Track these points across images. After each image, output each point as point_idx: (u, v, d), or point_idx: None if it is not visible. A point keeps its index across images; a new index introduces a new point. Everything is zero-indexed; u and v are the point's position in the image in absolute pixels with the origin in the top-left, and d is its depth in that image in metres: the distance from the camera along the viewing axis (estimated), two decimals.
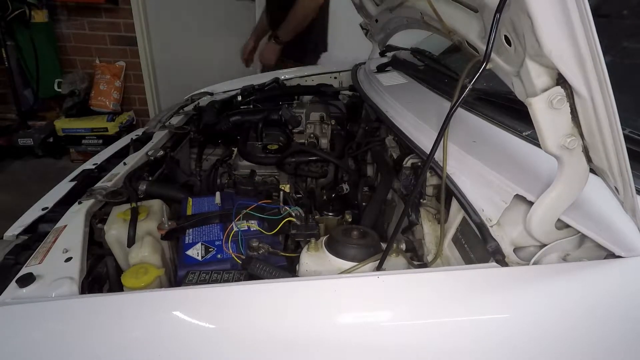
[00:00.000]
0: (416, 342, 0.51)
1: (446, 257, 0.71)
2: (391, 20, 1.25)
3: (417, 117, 0.92)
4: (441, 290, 0.55)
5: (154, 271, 0.69)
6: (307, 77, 1.77)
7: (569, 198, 0.54)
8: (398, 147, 1.03)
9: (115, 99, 3.37)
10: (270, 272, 0.64)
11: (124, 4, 3.23)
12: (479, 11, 0.63)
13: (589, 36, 0.41)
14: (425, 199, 0.80)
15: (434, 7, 0.81)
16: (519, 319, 0.53)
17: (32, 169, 3.12)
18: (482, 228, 0.61)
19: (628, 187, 0.49)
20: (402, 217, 0.65)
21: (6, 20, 2.86)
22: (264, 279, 0.62)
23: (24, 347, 0.50)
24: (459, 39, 0.76)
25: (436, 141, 0.59)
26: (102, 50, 3.41)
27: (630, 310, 0.54)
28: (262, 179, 1.19)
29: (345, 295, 0.55)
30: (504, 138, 0.78)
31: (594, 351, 0.53)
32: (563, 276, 0.55)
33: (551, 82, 0.47)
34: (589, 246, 0.59)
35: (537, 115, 0.48)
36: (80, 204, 0.85)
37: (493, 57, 0.54)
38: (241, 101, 1.48)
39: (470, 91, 0.54)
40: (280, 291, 0.56)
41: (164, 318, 0.53)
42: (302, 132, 1.34)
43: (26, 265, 0.66)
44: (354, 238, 0.67)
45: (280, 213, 0.80)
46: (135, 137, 1.29)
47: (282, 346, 0.51)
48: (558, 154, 0.50)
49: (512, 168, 0.66)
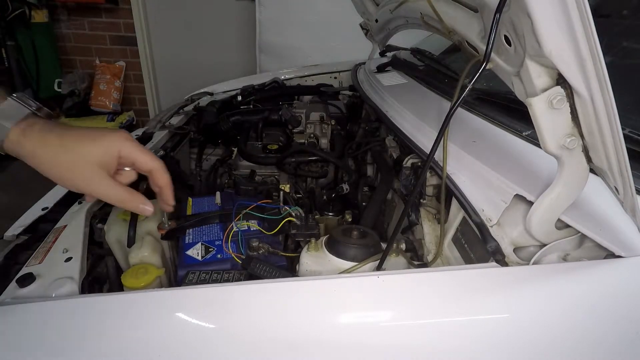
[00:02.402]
0: (416, 342, 0.51)
1: (446, 257, 0.71)
2: (391, 20, 1.25)
3: (417, 117, 0.92)
4: (441, 290, 0.55)
5: (154, 271, 0.69)
6: (307, 77, 1.77)
7: (569, 198, 0.54)
8: (398, 147, 1.03)
9: (115, 99, 3.37)
10: (270, 272, 0.64)
11: (124, 4, 3.23)
12: (479, 11, 0.63)
13: (589, 36, 0.41)
14: (425, 199, 0.80)
15: (434, 7, 0.81)
16: (519, 318, 0.53)
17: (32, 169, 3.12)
18: (482, 228, 0.61)
19: (628, 187, 0.49)
20: (402, 217, 0.65)
21: (6, 20, 2.85)
22: (264, 278, 0.62)
23: (23, 347, 0.50)
24: (459, 39, 0.76)
25: (436, 141, 0.59)
26: (102, 50, 3.41)
27: (630, 310, 0.54)
28: (262, 179, 1.19)
29: (345, 295, 0.55)
30: (504, 138, 0.78)
31: (594, 351, 0.53)
32: (563, 276, 0.55)
33: (551, 82, 0.47)
34: (589, 246, 0.59)
35: (537, 115, 0.48)
36: (80, 204, 0.85)
37: (493, 57, 0.54)
38: (241, 101, 1.48)
39: (470, 91, 0.54)
40: (280, 291, 0.56)
41: (164, 318, 0.53)
42: (302, 132, 1.34)
43: (26, 265, 0.66)
44: (354, 238, 0.67)
45: (280, 213, 0.80)
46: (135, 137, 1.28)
47: (282, 346, 0.51)
48: (558, 154, 0.50)
49: (512, 168, 0.66)
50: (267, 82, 1.63)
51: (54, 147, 0.46)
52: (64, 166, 0.47)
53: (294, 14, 2.84)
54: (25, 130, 0.46)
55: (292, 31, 2.87)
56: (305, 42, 2.85)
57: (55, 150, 0.46)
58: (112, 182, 0.51)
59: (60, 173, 0.48)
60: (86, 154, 0.48)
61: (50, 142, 0.46)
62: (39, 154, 0.46)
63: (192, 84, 1.97)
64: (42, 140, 0.46)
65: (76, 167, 0.47)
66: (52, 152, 0.46)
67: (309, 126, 1.33)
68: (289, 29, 2.87)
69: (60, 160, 0.47)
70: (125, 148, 0.51)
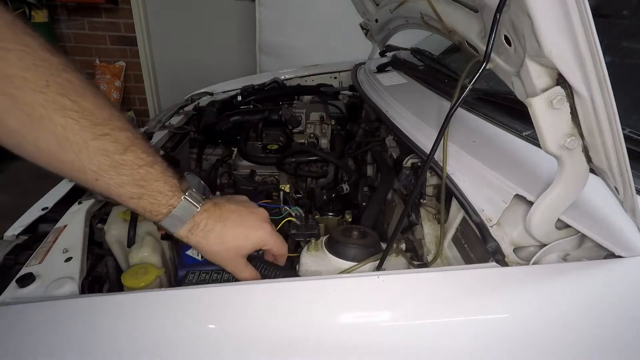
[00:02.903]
0: (416, 342, 0.51)
1: (446, 257, 0.71)
2: (391, 20, 1.25)
3: (417, 117, 0.92)
4: (441, 290, 0.55)
5: (154, 271, 0.69)
6: (307, 77, 1.77)
7: (569, 198, 0.54)
8: (398, 147, 1.03)
9: (115, 99, 3.37)
10: (271, 271, 0.64)
11: (124, 4, 3.23)
12: (478, 11, 0.63)
13: (589, 36, 0.41)
14: (425, 199, 0.80)
15: (434, 7, 0.81)
16: (519, 318, 0.53)
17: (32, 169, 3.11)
18: (482, 228, 0.61)
19: (628, 187, 0.49)
20: (402, 217, 0.65)
21: None
22: (264, 278, 0.62)
23: (24, 347, 0.50)
24: (459, 39, 0.76)
25: (436, 141, 0.59)
26: (102, 50, 3.41)
27: (630, 309, 0.54)
28: (262, 179, 1.19)
29: (345, 295, 0.55)
30: (504, 138, 0.78)
31: (594, 351, 0.53)
32: (563, 276, 0.55)
33: (551, 82, 0.47)
34: (589, 246, 0.59)
35: (537, 115, 0.48)
36: (80, 204, 0.85)
37: (493, 57, 0.54)
38: (241, 101, 1.48)
39: (470, 91, 0.54)
40: (280, 291, 0.56)
41: (164, 318, 0.53)
42: (302, 132, 1.33)
43: (26, 265, 0.66)
44: (354, 238, 0.68)
45: (281, 213, 0.80)
46: None
47: (282, 346, 0.51)
48: (558, 154, 0.50)
49: (512, 168, 0.66)
50: (267, 82, 1.62)
51: (215, 245, 0.58)
52: (221, 256, 0.59)
53: (294, 14, 2.84)
54: (192, 230, 0.56)
55: (292, 31, 2.87)
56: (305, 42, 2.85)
57: (216, 247, 0.58)
58: (249, 266, 0.62)
59: (217, 260, 0.60)
60: (240, 249, 0.60)
61: (211, 241, 0.58)
62: (202, 245, 0.58)
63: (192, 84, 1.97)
64: (205, 239, 0.57)
65: (230, 259, 0.60)
66: (213, 247, 0.58)
67: (309, 126, 1.33)
68: (289, 29, 2.87)
69: (219, 253, 0.59)
70: (269, 244, 0.63)
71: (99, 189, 0.51)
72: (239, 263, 0.61)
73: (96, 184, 0.50)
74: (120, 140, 0.49)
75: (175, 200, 0.54)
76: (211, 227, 0.57)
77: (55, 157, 0.47)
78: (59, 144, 0.46)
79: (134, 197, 0.52)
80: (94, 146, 0.47)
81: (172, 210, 0.54)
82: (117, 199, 0.52)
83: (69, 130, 0.46)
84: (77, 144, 0.47)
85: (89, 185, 0.51)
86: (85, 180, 0.50)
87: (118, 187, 0.50)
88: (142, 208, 0.53)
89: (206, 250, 0.59)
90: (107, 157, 0.48)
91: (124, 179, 0.50)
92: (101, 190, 0.51)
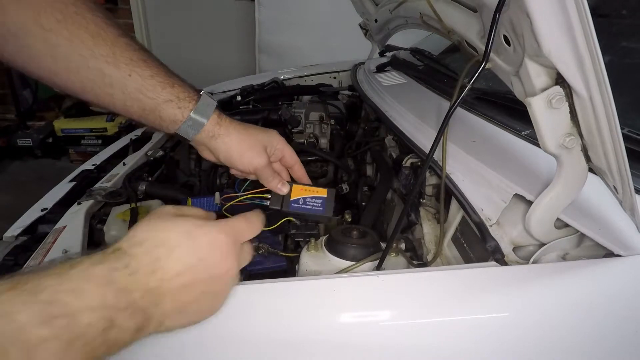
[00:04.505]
0: (416, 341, 0.51)
1: (446, 257, 0.71)
2: (390, 20, 1.25)
3: (416, 117, 0.92)
4: (441, 289, 0.55)
5: None
6: (306, 77, 1.77)
7: (568, 197, 0.54)
8: (397, 146, 1.03)
9: None
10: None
11: (124, 4, 3.23)
12: (478, 11, 0.63)
13: (588, 36, 0.41)
14: (425, 198, 0.80)
15: (433, 7, 0.81)
16: (519, 317, 0.53)
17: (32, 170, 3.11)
18: (482, 227, 0.61)
19: (627, 186, 0.49)
20: (402, 217, 0.65)
21: None
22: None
23: None
24: (458, 38, 0.76)
25: (435, 140, 0.60)
26: None
27: (629, 308, 0.54)
28: None
29: (345, 294, 0.55)
30: (503, 137, 0.78)
31: (593, 349, 0.53)
32: (562, 275, 0.55)
33: (550, 82, 0.47)
34: (588, 245, 0.59)
35: (536, 114, 0.48)
36: (79, 204, 0.85)
37: (492, 57, 0.54)
38: (241, 101, 1.48)
39: (470, 91, 0.54)
40: (280, 291, 0.56)
41: None
42: (302, 132, 1.33)
43: (26, 266, 0.66)
44: (354, 238, 0.68)
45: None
46: (135, 137, 1.29)
47: (282, 346, 0.51)
48: (557, 153, 0.50)
49: (512, 167, 0.66)
50: (266, 82, 1.62)
51: (241, 133, 0.63)
52: (246, 144, 0.63)
53: (294, 14, 2.84)
54: (220, 121, 0.62)
55: (291, 31, 2.87)
56: (304, 42, 2.85)
57: (241, 133, 0.63)
58: (269, 162, 0.67)
59: (241, 151, 0.63)
60: (261, 138, 0.66)
61: (237, 129, 0.63)
62: (231, 133, 0.62)
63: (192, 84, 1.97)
64: (232, 127, 0.62)
65: (254, 146, 0.64)
66: (240, 135, 0.63)
67: (309, 126, 1.33)
68: (288, 29, 2.87)
69: (244, 140, 0.63)
70: (281, 143, 0.70)
71: (130, 90, 0.56)
72: (262, 154, 0.65)
73: (129, 80, 0.55)
74: (143, 48, 0.58)
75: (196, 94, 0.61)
76: (230, 119, 0.63)
77: (90, 50, 0.53)
78: (93, 37, 0.53)
79: (167, 86, 0.57)
80: (123, 42, 0.55)
81: (199, 101, 0.60)
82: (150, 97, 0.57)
83: (100, 26, 0.54)
84: (109, 39, 0.54)
85: (121, 86, 0.55)
86: (118, 77, 0.55)
87: (150, 79, 0.56)
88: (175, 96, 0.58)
89: (233, 142, 0.62)
90: (135, 52, 0.56)
91: (154, 70, 0.57)
92: (133, 90, 0.56)
